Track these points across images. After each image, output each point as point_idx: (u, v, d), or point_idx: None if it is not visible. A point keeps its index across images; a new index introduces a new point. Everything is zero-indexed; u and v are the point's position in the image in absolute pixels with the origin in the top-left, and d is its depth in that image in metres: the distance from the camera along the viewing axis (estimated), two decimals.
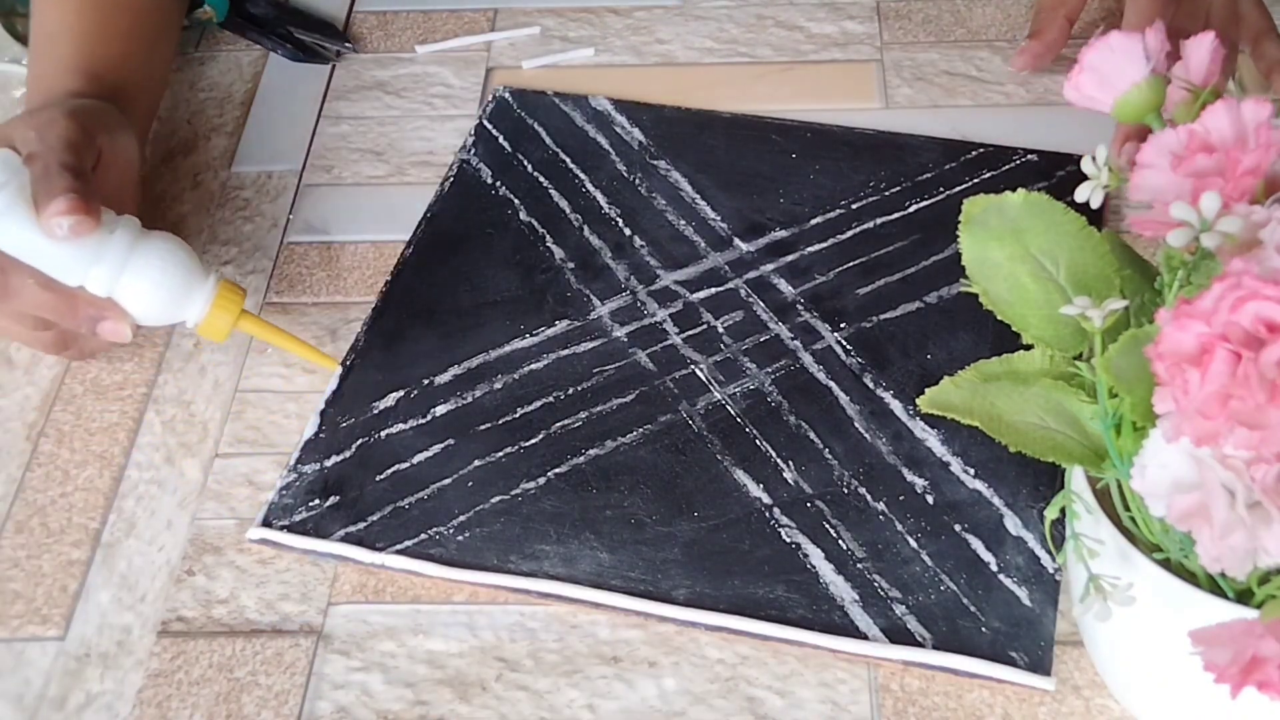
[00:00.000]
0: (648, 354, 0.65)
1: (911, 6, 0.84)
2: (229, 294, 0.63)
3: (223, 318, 0.63)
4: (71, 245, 0.59)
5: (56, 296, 0.60)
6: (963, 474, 0.59)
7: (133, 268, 0.60)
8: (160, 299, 0.61)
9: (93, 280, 0.60)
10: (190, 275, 0.62)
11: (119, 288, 0.61)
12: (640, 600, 0.56)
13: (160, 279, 0.61)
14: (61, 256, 0.59)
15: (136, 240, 0.61)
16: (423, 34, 0.84)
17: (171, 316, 0.62)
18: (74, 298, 0.61)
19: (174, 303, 0.62)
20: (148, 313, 0.62)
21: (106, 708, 0.54)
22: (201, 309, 0.62)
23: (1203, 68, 0.47)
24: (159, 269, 0.61)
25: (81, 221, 0.58)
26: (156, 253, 0.61)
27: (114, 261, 0.60)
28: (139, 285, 0.61)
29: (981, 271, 0.48)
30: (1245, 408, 0.37)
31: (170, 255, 0.61)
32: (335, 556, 0.58)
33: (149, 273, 0.61)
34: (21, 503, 0.61)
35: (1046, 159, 0.73)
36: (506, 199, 0.73)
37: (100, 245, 0.60)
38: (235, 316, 0.63)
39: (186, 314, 0.62)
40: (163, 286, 0.61)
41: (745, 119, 0.77)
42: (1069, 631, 0.54)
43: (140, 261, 0.61)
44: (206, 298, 0.62)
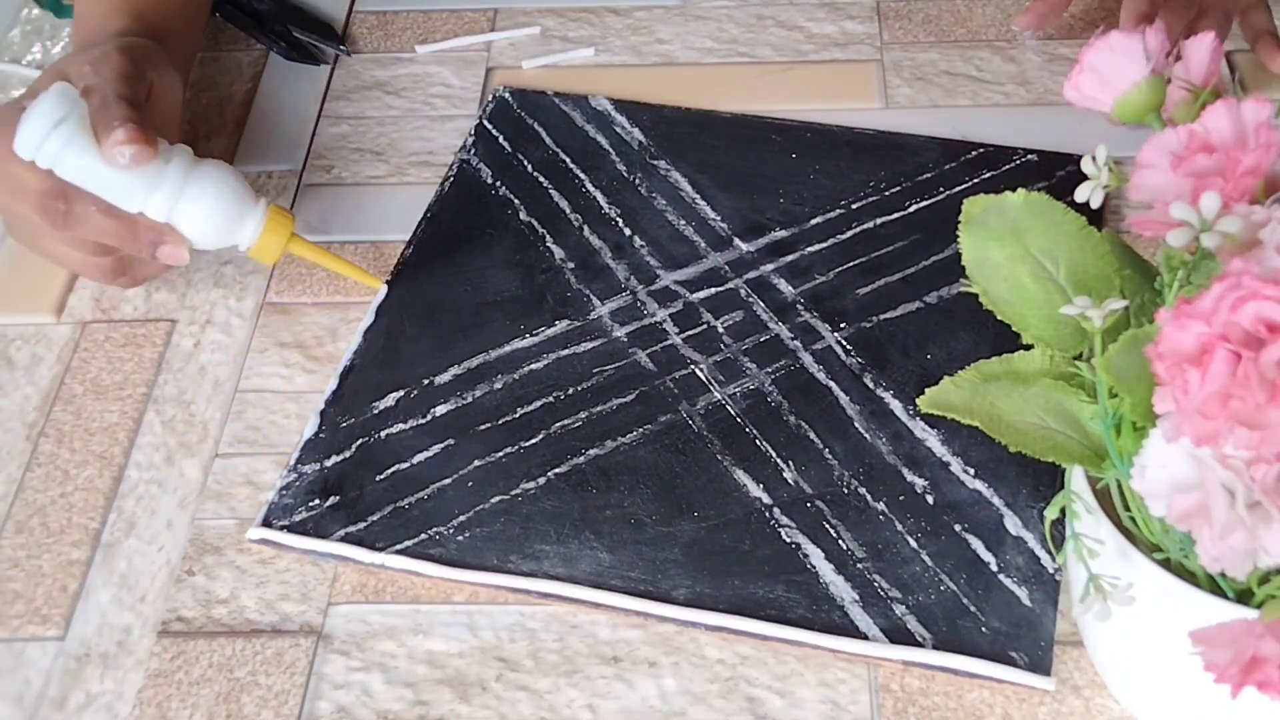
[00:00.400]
0: (648, 354, 0.65)
1: (911, 6, 0.84)
2: (279, 218, 0.66)
3: (274, 240, 0.66)
4: (132, 173, 0.62)
5: (118, 223, 0.63)
6: (963, 474, 0.59)
7: (189, 193, 0.63)
8: (215, 222, 0.64)
9: (152, 206, 0.63)
10: (243, 200, 0.65)
11: (177, 213, 0.63)
12: (640, 600, 0.56)
13: (215, 203, 0.64)
14: (123, 184, 0.62)
15: (191, 167, 0.64)
16: (423, 34, 0.84)
17: (225, 240, 0.65)
18: (134, 223, 0.63)
19: (228, 226, 0.65)
20: (204, 236, 0.64)
21: (106, 708, 0.54)
22: (254, 232, 0.65)
23: (1203, 68, 0.47)
24: (214, 194, 0.64)
25: (141, 150, 0.61)
26: (211, 179, 0.64)
27: (171, 187, 0.63)
28: (196, 210, 0.63)
29: (981, 271, 0.48)
30: (1245, 408, 0.37)
31: (224, 181, 0.64)
32: (335, 556, 0.58)
33: (205, 198, 0.63)
34: (21, 503, 0.61)
35: (1046, 159, 0.73)
36: (506, 199, 0.73)
37: (158, 173, 0.62)
38: (286, 239, 0.66)
39: (239, 237, 0.65)
40: (218, 211, 0.64)
41: (745, 119, 0.77)
42: (1069, 631, 0.54)
43: (196, 187, 0.63)
44: (258, 221, 0.65)
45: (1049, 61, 0.80)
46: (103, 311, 0.70)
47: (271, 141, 0.78)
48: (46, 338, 0.68)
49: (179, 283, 0.71)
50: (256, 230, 0.65)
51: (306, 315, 0.69)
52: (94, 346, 0.68)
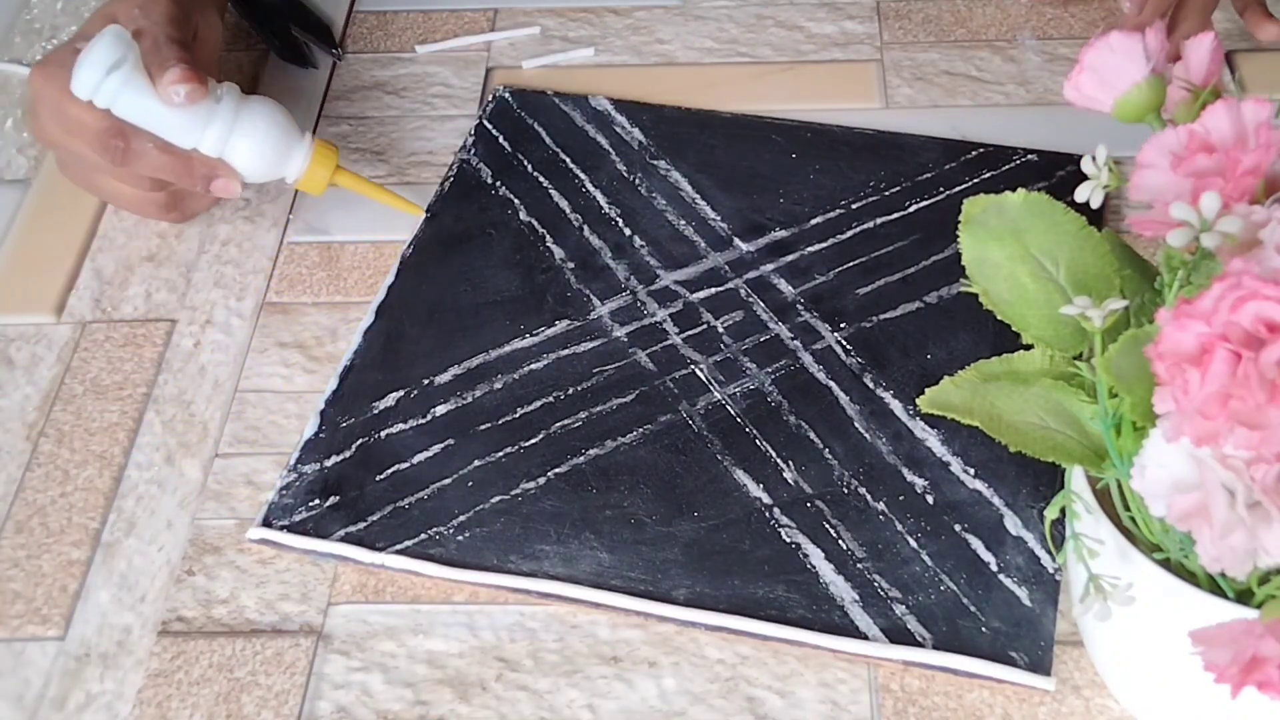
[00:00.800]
0: (648, 354, 0.65)
1: (911, 6, 0.84)
2: (325, 151, 0.69)
3: (321, 172, 0.69)
4: (186, 111, 0.65)
5: (174, 158, 0.67)
6: (963, 474, 0.59)
7: (241, 129, 0.67)
8: (266, 156, 0.68)
9: (206, 142, 0.66)
10: (290, 134, 0.68)
11: (229, 148, 0.67)
12: (640, 600, 0.56)
13: (265, 138, 0.67)
14: (178, 122, 0.65)
15: (241, 104, 0.67)
16: (423, 34, 0.84)
17: (274, 172, 0.69)
18: (189, 159, 0.67)
19: (277, 159, 0.68)
20: (255, 169, 0.68)
21: (106, 708, 0.54)
22: (301, 164, 0.69)
23: (1203, 68, 0.47)
24: (264, 129, 0.67)
25: (195, 89, 0.64)
26: (261, 114, 0.67)
27: (224, 123, 0.66)
28: (247, 144, 0.67)
29: (981, 271, 0.48)
30: (1245, 408, 0.37)
31: (273, 116, 0.68)
32: (335, 556, 0.58)
33: (255, 133, 0.67)
34: (21, 503, 0.61)
35: (1046, 159, 0.73)
36: (506, 199, 0.73)
37: (210, 110, 0.66)
38: (331, 171, 0.70)
39: (288, 170, 0.69)
40: (268, 144, 0.67)
41: (745, 119, 0.77)
42: (1069, 631, 0.54)
43: (247, 123, 0.67)
44: (306, 154, 0.69)
45: (1049, 61, 0.80)
46: (103, 311, 0.70)
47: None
48: (46, 338, 0.68)
49: (179, 282, 0.71)
50: (304, 163, 0.69)
51: (306, 315, 0.69)
52: (94, 346, 0.68)
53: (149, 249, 0.73)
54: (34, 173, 0.77)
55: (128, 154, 0.66)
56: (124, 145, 0.65)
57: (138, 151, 0.66)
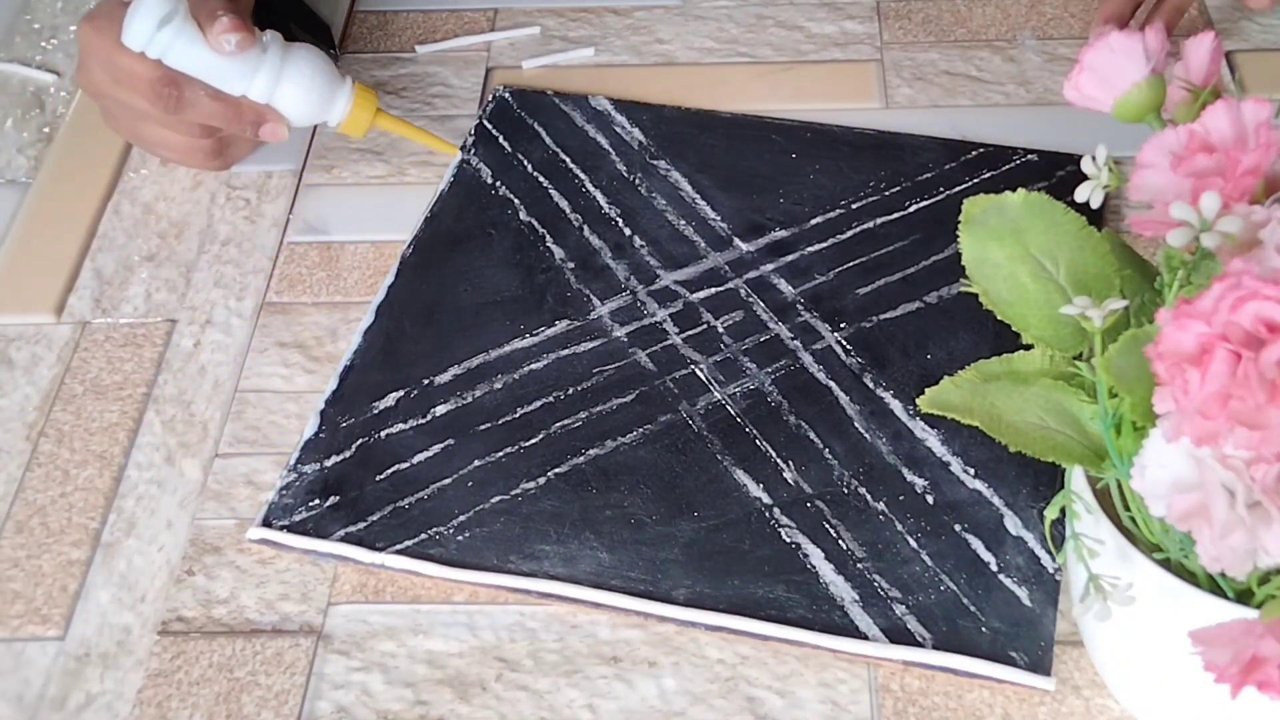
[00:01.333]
0: (648, 354, 0.65)
1: (911, 6, 0.84)
2: (366, 95, 0.72)
3: (362, 115, 0.72)
4: (236, 59, 0.67)
5: (225, 105, 0.69)
6: (963, 474, 0.59)
7: (288, 75, 0.69)
8: (311, 101, 0.70)
9: (255, 88, 0.69)
10: (333, 80, 0.71)
11: (277, 94, 0.69)
12: (640, 600, 0.56)
13: (311, 83, 0.70)
14: (228, 70, 0.68)
15: (286, 52, 0.70)
16: (423, 34, 0.84)
17: (318, 116, 0.71)
18: (239, 105, 0.69)
19: (322, 104, 0.71)
20: (300, 113, 0.70)
21: (106, 708, 0.54)
22: (344, 108, 0.71)
23: (1203, 68, 0.47)
24: (310, 75, 0.70)
25: (245, 38, 0.67)
26: (306, 61, 0.70)
27: (271, 70, 0.69)
28: (294, 90, 0.69)
29: (981, 271, 0.48)
30: (1245, 408, 0.37)
31: (316, 63, 0.70)
32: (335, 556, 0.58)
33: (302, 79, 0.69)
34: (21, 503, 0.61)
35: (1046, 159, 0.73)
36: (506, 199, 0.73)
37: (258, 57, 0.68)
38: (373, 113, 0.72)
39: (331, 113, 0.71)
40: (314, 90, 0.70)
41: (745, 119, 0.77)
42: (1069, 631, 0.54)
43: (294, 69, 0.69)
44: (348, 98, 0.71)
45: (1049, 61, 0.80)
46: (103, 311, 0.70)
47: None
48: (46, 338, 0.68)
49: (179, 282, 0.71)
50: (346, 106, 0.71)
51: (306, 315, 0.69)
52: (94, 346, 0.68)
53: (149, 249, 0.73)
54: (34, 173, 0.77)
55: (180, 102, 0.68)
56: (176, 94, 0.68)
57: (190, 100, 0.68)
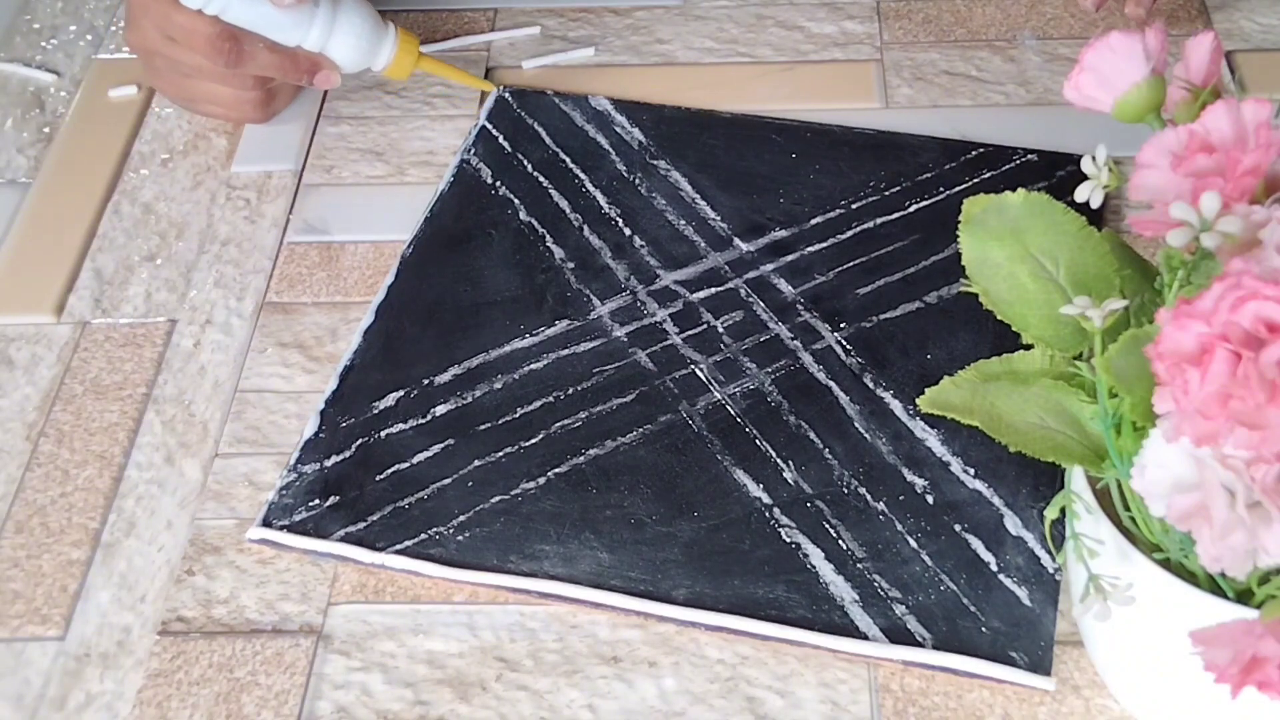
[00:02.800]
0: (648, 354, 0.65)
1: (911, 6, 0.84)
2: (408, 40, 0.76)
3: (406, 59, 0.76)
4: (292, 13, 0.72)
5: (282, 57, 0.74)
6: (963, 474, 0.59)
7: (340, 25, 0.74)
8: (361, 48, 0.75)
9: (311, 38, 0.73)
10: (378, 27, 0.75)
11: (331, 43, 0.74)
12: (640, 600, 0.56)
13: (361, 31, 0.74)
14: (286, 22, 0.72)
15: (337, 2, 0.74)
16: (423, 34, 0.84)
17: (366, 62, 0.76)
18: (295, 55, 0.74)
19: (370, 50, 0.75)
20: (352, 60, 0.75)
21: (106, 708, 0.54)
22: (390, 54, 0.76)
23: (1203, 68, 0.47)
24: (358, 25, 0.74)
25: None
26: (355, 13, 0.74)
27: (325, 21, 0.73)
28: (346, 38, 0.74)
29: (981, 271, 0.48)
30: (1245, 408, 0.37)
31: (364, 11, 0.75)
32: (335, 556, 0.58)
33: (352, 28, 0.74)
34: (21, 503, 0.61)
35: (1046, 159, 0.73)
36: (506, 199, 0.73)
37: (312, 10, 0.73)
38: (415, 57, 0.77)
39: (378, 59, 0.76)
40: (364, 38, 0.74)
41: (745, 119, 0.77)
42: (1069, 631, 0.54)
43: (345, 19, 0.74)
44: (393, 44, 0.76)
45: (1049, 61, 0.80)
46: (103, 311, 0.70)
47: (271, 141, 0.78)
48: (46, 338, 0.68)
49: (179, 282, 0.71)
50: (392, 52, 0.76)
51: (306, 315, 0.69)
52: (94, 346, 0.68)
53: (149, 249, 0.73)
54: (34, 173, 0.77)
55: (240, 55, 0.72)
56: (236, 48, 0.71)
57: (249, 53, 0.72)
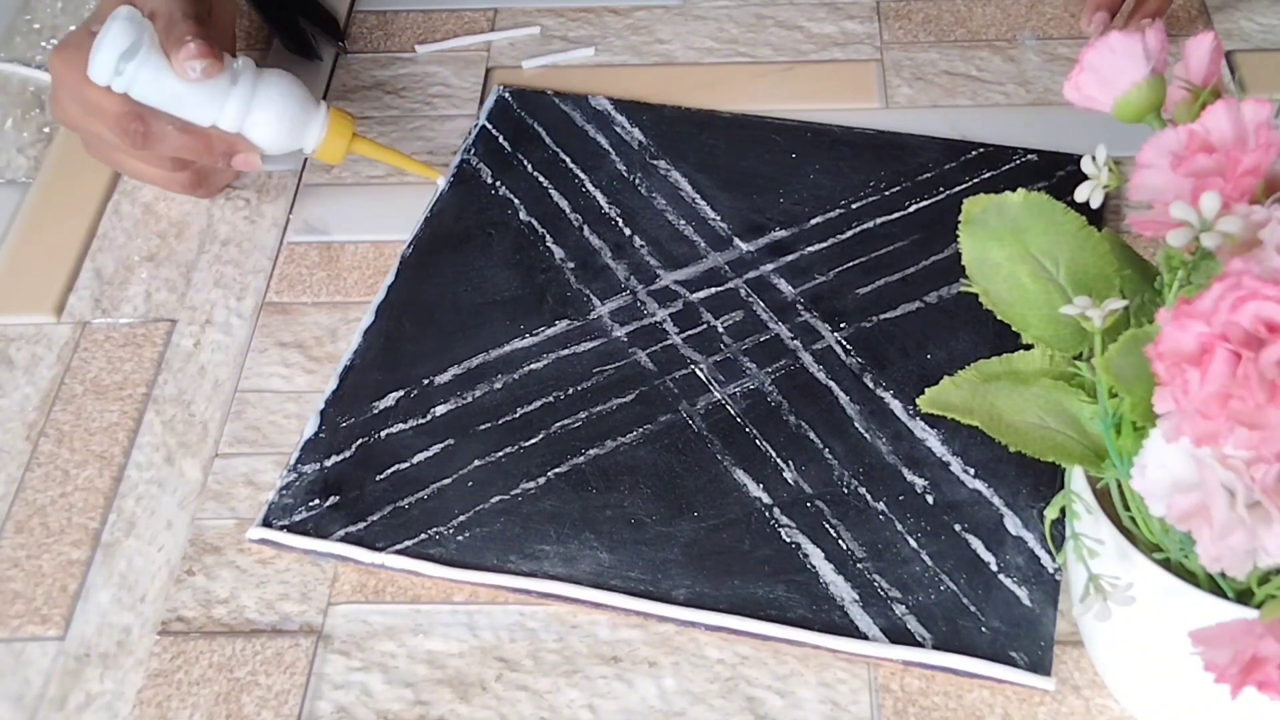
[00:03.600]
0: (648, 354, 0.65)
1: (911, 6, 0.84)
2: (341, 120, 0.70)
3: (338, 141, 0.70)
4: (204, 88, 0.66)
5: (194, 137, 0.68)
6: (963, 474, 0.59)
7: (258, 103, 0.67)
8: (284, 128, 0.68)
9: (225, 118, 0.67)
10: (307, 105, 0.69)
11: (248, 122, 0.68)
12: (640, 600, 0.56)
13: (283, 110, 0.68)
14: (196, 99, 0.66)
15: (258, 78, 0.68)
16: (423, 34, 0.84)
17: (292, 144, 0.70)
18: (209, 136, 0.68)
19: (295, 131, 0.69)
20: (273, 142, 0.69)
21: (106, 708, 0.54)
22: (319, 134, 0.70)
23: (1203, 68, 0.47)
24: (281, 102, 0.68)
25: (211, 64, 0.65)
26: (277, 87, 0.68)
27: (241, 99, 0.67)
28: (265, 118, 0.68)
29: (981, 271, 0.48)
30: (1245, 408, 0.37)
31: (288, 89, 0.68)
32: (335, 556, 0.58)
33: (272, 106, 0.68)
34: (21, 503, 0.61)
35: (1046, 159, 0.73)
36: (506, 199, 0.73)
37: (227, 85, 0.67)
38: (349, 140, 0.71)
39: (305, 140, 0.70)
40: (285, 117, 0.68)
41: (745, 119, 0.77)
42: (1069, 631, 0.54)
43: (264, 97, 0.67)
44: (322, 124, 0.70)
45: (1049, 61, 0.80)
46: (103, 311, 0.70)
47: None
48: (46, 338, 0.68)
49: (179, 282, 0.71)
50: (321, 132, 0.70)
51: (306, 315, 0.69)
52: (94, 346, 0.68)
53: (149, 249, 0.73)
54: (34, 173, 0.77)
55: (148, 137, 0.67)
56: (143, 128, 0.66)
57: (157, 134, 0.67)
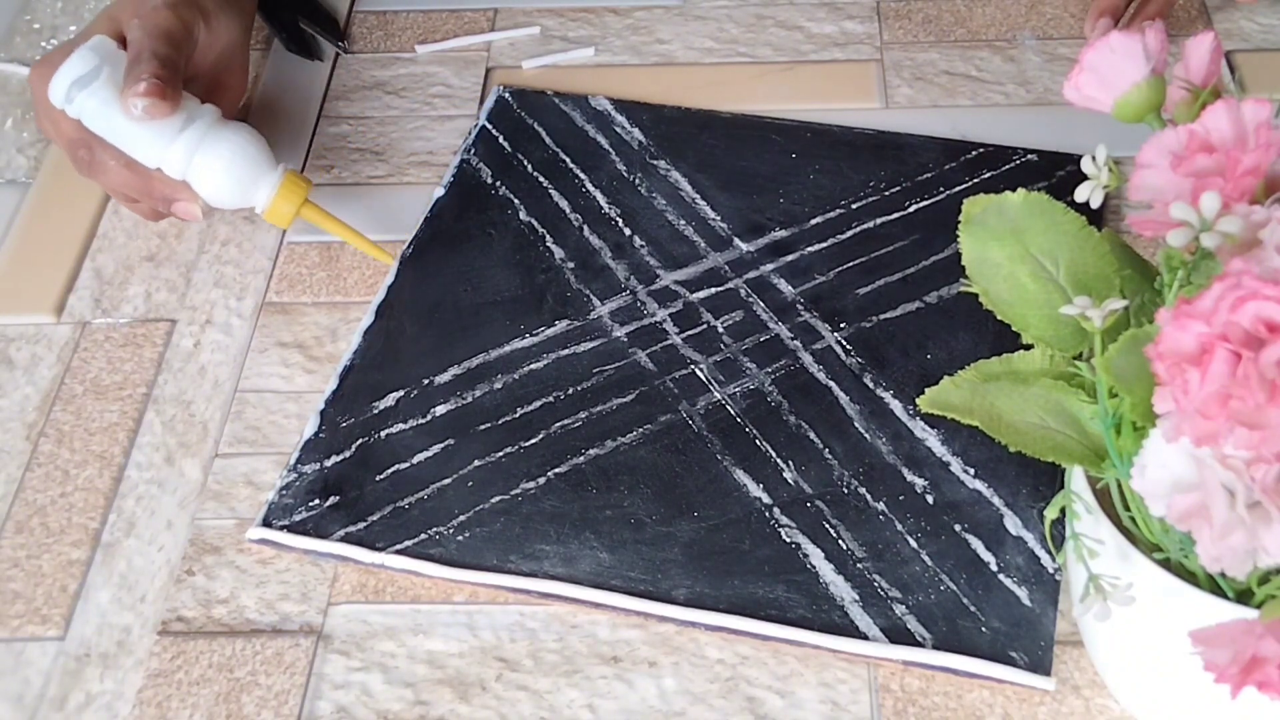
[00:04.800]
0: (648, 354, 0.65)
1: (911, 6, 0.84)
2: (294, 184, 0.68)
3: (286, 206, 0.68)
4: (151, 128, 0.64)
5: (136, 176, 0.66)
6: (963, 474, 0.59)
7: (204, 153, 0.65)
8: (229, 184, 0.66)
9: (168, 162, 0.65)
10: (258, 165, 0.67)
11: (191, 171, 0.66)
12: (640, 600, 0.56)
13: (229, 166, 0.66)
14: (141, 138, 0.65)
15: (211, 128, 0.66)
16: (423, 34, 0.84)
17: (240, 201, 0.68)
18: (151, 178, 0.66)
19: (242, 189, 0.67)
20: (218, 196, 0.67)
21: (106, 708, 0.54)
22: (268, 196, 0.67)
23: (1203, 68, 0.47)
24: (229, 157, 0.66)
25: (156, 104, 0.63)
26: (228, 142, 0.66)
27: (187, 146, 0.65)
28: (209, 170, 0.66)
29: (981, 271, 0.48)
30: (1245, 408, 0.37)
31: (241, 145, 0.66)
32: (335, 556, 0.58)
33: (219, 159, 0.66)
34: (21, 503, 0.61)
35: (1046, 159, 0.73)
36: (506, 199, 0.73)
37: (176, 130, 0.65)
38: (298, 206, 0.68)
39: (254, 200, 0.68)
40: (230, 173, 0.66)
41: (745, 119, 0.77)
42: (1069, 631, 0.54)
43: (211, 149, 0.66)
44: (273, 186, 0.67)
45: (1049, 61, 0.80)
46: (103, 311, 0.70)
47: (271, 141, 0.77)
48: (46, 338, 0.68)
49: (179, 282, 0.71)
50: (270, 194, 0.67)
51: (306, 315, 0.69)
52: (94, 346, 0.68)
53: (149, 249, 0.73)
54: (34, 173, 0.77)
55: (92, 166, 0.66)
56: (89, 157, 0.66)
57: (101, 165, 0.66)
